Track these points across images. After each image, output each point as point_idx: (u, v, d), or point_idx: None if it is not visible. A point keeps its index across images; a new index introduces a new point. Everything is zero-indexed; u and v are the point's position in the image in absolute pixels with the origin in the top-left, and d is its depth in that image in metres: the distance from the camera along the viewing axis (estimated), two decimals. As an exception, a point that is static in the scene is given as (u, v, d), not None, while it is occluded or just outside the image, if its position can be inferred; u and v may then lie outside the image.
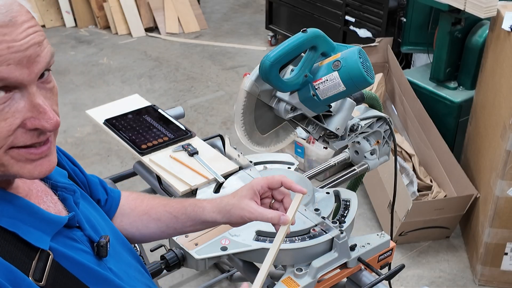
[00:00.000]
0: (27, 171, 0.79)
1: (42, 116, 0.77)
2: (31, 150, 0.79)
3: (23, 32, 0.74)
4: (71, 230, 0.88)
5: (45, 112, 0.77)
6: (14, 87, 0.74)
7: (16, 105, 0.75)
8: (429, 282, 2.52)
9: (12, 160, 0.78)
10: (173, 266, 1.25)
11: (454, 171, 2.69)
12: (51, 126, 0.77)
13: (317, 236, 1.29)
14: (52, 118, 0.77)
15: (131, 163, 1.87)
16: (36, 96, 0.77)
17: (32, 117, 0.76)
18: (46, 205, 0.88)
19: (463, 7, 2.50)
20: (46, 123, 0.77)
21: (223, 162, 1.57)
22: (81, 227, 0.91)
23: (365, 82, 1.27)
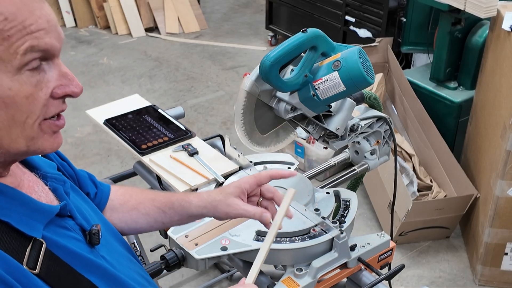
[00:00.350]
0: (49, 144, 0.83)
1: (71, 82, 0.82)
2: (56, 121, 0.83)
3: (48, 8, 0.80)
4: (63, 219, 0.89)
5: (73, 79, 0.83)
6: (46, 58, 0.79)
7: (47, 76, 0.80)
8: (429, 282, 2.52)
9: (41, 133, 0.81)
10: (173, 266, 1.25)
11: (454, 171, 2.69)
12: (80, 90, 0.83)
13: (317, 236, 1.29)
14: (79, 84, 0.83)
15: (131, 163, 1.87)
16: (63, 66, 0.83)
17: (61, 85, 0.81)
18: (37, 195, 0.89)
19: (463, 7, 2.50)
20: (76, 88, 0.82)
21: (223, 162, 1.57)
22: (72, 216, 0.92)
23: (365, 82, 1.27)
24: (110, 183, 1.84)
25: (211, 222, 1.32)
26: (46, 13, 0.79)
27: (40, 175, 0.94)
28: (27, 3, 0.76)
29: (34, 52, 0.77)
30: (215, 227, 1.30)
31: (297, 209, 1.36)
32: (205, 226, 1.31)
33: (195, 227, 1.30)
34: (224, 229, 1.30)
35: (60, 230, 0.88)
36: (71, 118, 3.71)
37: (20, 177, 0.89)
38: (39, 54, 0.77)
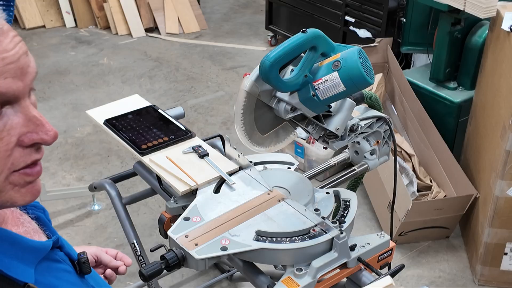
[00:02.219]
0: (20, 195, 0.73)
1: (40, 129, 0.72)
2: (28, 170, 0.73)
3: (11, 41, 0.69)
4: (53, 251, 0.84)
5: (42, 125, 0.72)
6: (6, 102, 0.69)
7: (10, 122, 0.69)
8: (429, 282, 2.52)
9: (10, 186, 0.72)
10: (173, 266, 1.25)
11: (453, 171, 2.69)
12: (51, 138, 0.72)
13: (317, 236, 1.29)
14: (51, 130, 0.72)
15: (131, 163, 1.87)
16: (31, 109, 0.71)
17: (28, 132, 0.71)
18: (25, 228, 0.83)
19: (462, 7, 2.50)
20: (46, 135, 0.72)
21: (223, 162, 1.57)
22: (60, 246, 0.87)
23: (365, 82, 1.27)
24: (110, 183, 1.86)
25: (211, 222, 1.32)
26: (3, 49, 0.67)
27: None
28: None
29: None
30: (215, 227, 1.30)
31: (297, 209, 1.36)
32: (205, 226, 1.31)
33: (195, 227, 1.30)
34: (224, 229, 1.30)
35: (52, 264, 0.83)
36: (71, 118, 3.71)
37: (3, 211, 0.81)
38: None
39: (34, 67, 0.72)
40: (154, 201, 2.89)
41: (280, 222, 1.32)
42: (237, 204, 1.39)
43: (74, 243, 0.98)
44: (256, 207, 1.38)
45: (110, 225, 2.79)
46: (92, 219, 2.84)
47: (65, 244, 0.89)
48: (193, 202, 1.40)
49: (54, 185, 3.05)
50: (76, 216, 2.87)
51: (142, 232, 2.67)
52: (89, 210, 2.90)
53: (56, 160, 3.28)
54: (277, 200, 1.40)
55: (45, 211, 0.92)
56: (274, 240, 1.27)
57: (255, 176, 1.49)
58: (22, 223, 0.83)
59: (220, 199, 1.42)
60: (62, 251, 0.87)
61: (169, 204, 1.48)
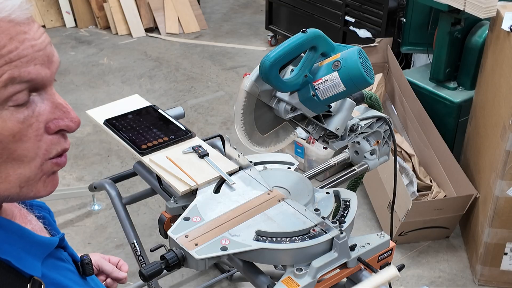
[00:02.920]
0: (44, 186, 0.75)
1: (66, 115, 0.73)
2: (58, 160, 0.74)
3: (38, 30, 0.71)
4: (58, 250, 0.85)
5: (68, 111, 0.73)
6: (34, 89, 0.70)
7: (38, 108, 0.71)
8: (429, 282, 2.52)
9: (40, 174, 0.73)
10: (173, 266, 1.25)
11: (453, 171, 2.69)
12: (75, 125, 0.74)
13: (317, 236, 1.29)
14: (75, 117, 0.74)
15: (131, 163, 1.87)
16: (57, 96, 0.73)
17: (55, 119, 0.72)
18: (32, 225, 0.84)
19: (462, 7, 2.50)
20: (71, 122, 0.73)
21: (223, 162, 1.57)
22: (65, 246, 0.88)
23: (365, 82, 1.27)
24: (110, 183, 1.86)
25: (211, 222, 1.32)
26: (32, 37, 0.69)
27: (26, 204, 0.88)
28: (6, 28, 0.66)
29: (17, 84, 0.67)
30: (215, 227, 1.30)
31: (297, 209, 1.36)
32: (205, 226, 1.31)
33: (195, 227, 1.30)
34: (224, 229, 1.30)
35: (57, 262, 0.84)
36: (71, 118, 3.71)
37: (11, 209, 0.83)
38: (24, 85, 0.68)
39: (58, 56, 0.75)
40: (154, 201, 2.89)
41: (280, 222, 1.32)
42: (237, 204, 1.39)
43: (74, 243, 0.99)
44: (256, 207, 1.38)
45: (110, 225, 2.79)
46: (92, 219, 2.84)
47: (68, 246, 0.90)
48: (193, 202, 1.40)
49: (54, 185, 3.05)
50: (76, 216, 2.87)
51: (142, 232, 2.67)
52: (89, 210, 2.90)
53: (56, 160, 3.28)
54: (277, 200, 1.40)
55: (50, 212, 0.92)
56: (274, 240, 1.27)
57: (255, 176, 1.49)
58: (29, 220, 0.85)
59: (220, 199, 1.42)
60: (66, 252, 0.88)
61: (169, 204, 1.48)
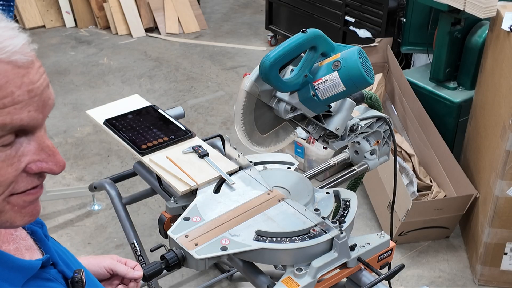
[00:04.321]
0: (19, 216, 0.73)
1: (51, 159, 0.71)
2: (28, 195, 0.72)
3: (37, 73, 0.68)
4: (44, 270, 0.81)
5: (54, 155, 0.71)
6: (23, 133, 0.68)
7: (23, 149, 0.69)
8: (428, 282, 2.52)
9: (9, 206, 0.71)
10: (173, 266, 1.25)
11: (453, 171, 2.69)
12: (59, 169, 0.72)
13: (317, 236, 1.29)
14: (61, 161, 0.72)
15: (131, 163, 1.87)
16: (45, 139, 0.71)
17: (38, 161, 0.70)
18: (16, 243, 0.81)
19: (462, 7, 2.50)
20: (55, 166, 0.71)
21: (223, 162, 1.57)
22: (54, 263, 0.84)
23: (365, 82, 1.27)
24: (110, 183, 1.86)
25: (211, 222, 1.32)
26: (30, 81, 0.66)
27: None
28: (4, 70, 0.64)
29: (6, 129, 0.65)
30: (215, 227, 1.30)
31: (297, 209, 1.36)
32: (205, 226, 1.31)
33: (195, 227, 1.30)
34: (224, 229, 1.30)
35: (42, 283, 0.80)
36: (71, 118, 3.71)
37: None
38: (12, 130, 0.66)
39: (53, 99, 0.72)
40: (154, 201, 2.89)
41: (280, 222, 1.32)
42: (237, 204, 1.39)
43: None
44: (256, 207, 1.38)
45: (110, 225, 2.79)
46: (92, 219, 2.84)
47: (60, 262, 0.86)
48: (193, 202, 1.40)
49: (54, 185, 3.05)
50: (76, 216, 2.87)
51: (142, 232, 2.67)
52: (89, 210, 2.90)
53: (56, 160, 3.28)
54: (277, 200, 1.40)
55: (43, 226, 0.89)
56: (274, 240, 1.27)
57: (255, 176, 1.49)
58: (14, 239, 0.82)
59: (220, 199, 1.42)
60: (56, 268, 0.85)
61: (169, 204, 1.48)
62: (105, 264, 1.11)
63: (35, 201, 0.74)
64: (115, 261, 1.13)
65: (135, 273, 1.13)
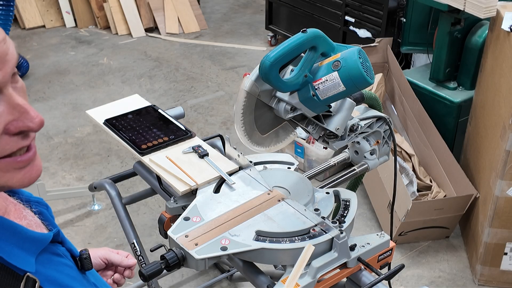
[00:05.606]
0: (16, 180, 0.74)
1: (25, 116, 0.71)
2: (18, 158, 0.73)
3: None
4: (54, 245, 0.85)
5: (27, 112, 0.71)
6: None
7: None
8: (428, 282, 2.52)
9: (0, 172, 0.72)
10: (173, 266, 1.25)
11: (453, 171, 2.69)
12: (36, 125, 0.72)
13: (317, 236, 1.29)
14: (35, 117, 0.72)
15: (131, 163, 1.87)
16: (14, 97, 0.71)
17: (14, 120, 0.71)
18: (27, 220, 0.84)
19: (462, 7, 2.50)
20: (31, 122, 0.71)
21: (223, 162, 1.57)
22: (62, 241, 0.88)
23: (365, 82, 1.27)
24: (110, 183, 1.86)
25: (211, 222, 1.32)
26: None
27: (22, 199, 0.88)
28: None
29: None
30: (215, 227, 1.30)
31: (297, 209, 1.36)
32: (205, 226, 1.31)
33: (195, 227, 1.30)
34: (224, 229, 1.30)
35: (53, 257, 0.84)
36: (71, 118, 3.71)
37: (5, 202, 0.83)
38: None
39: (14, 53, 0.71)
40: (154, 201, 2.89)
41: (280, 222, 1.32)
42: (237, 204, 1.39)
43: (74, 243, 0.98)
44: (256, 207, 1.38)
45: (110, 225, 2.79)
46: (92, 219, 2.84)
47: (66, 241, 0.90)
48: (193, 202, 1.40)
49: (54, 185, 3.05)
50: (76, 216, 2.87)
51: (142, 232, 2.67)
52: (89, 210, 2.90)
53: (56, 160, 3.28)
54: (277, 200, 1.40)
55: (48, 208, 0.92)
56: (274, 240, 1.27)
57: (255, 176, 1.49)
58: (24, 216, 0.84)
59: (220, 199, 1.42)
60: (64, 247, 0.88)
61: (169, 204, 1.48)
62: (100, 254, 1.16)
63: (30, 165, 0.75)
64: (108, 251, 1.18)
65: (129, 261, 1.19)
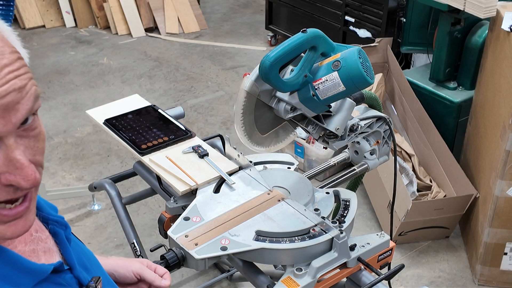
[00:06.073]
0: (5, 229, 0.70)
1: (19, 172, 0.66)
2: (4, 211, 0.69)
3: (2, 78, 0.63)
4: (58, 275, 0.80)
5: (22, 168, 0.66)
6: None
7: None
8: (428, 282, 2.52)
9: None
10: (173, 266, 1.25)
11: (453, 171, 2.69)
12: (28, 184, 0.67)
13: (317, 236, 1.29)
14: (30, 175, 0.67)
15: (131, 163, 1.87)
16: (13, 149, 0.66)
17: (7, 172, 0.66)
18: (34, 244, 0.79)
19: (462, 7, 2.50)
20: (23, 180, 0.67)
21: (223, 162, 1.57)
22: (71, 268, 0.82)
23: (364, 82, 1.27)
24: (110, 183, 1.86)
25: (211, 222, 1.32)
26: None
27: (40, 216, 0.84)
28: None
29: None
30: (215, 227, 1.31)
31: (297, 209, 1.36)
32: (205, 226, 1.31)
33: (195, 227, 1.30)
34: (224, 229, 1.30)
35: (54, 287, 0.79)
36: (71, 118, 3.72)
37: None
38: None
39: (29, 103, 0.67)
40: (154, 201, 2.89)
41: (280, 222, 1.32)
42: (237, 204, 1.39)
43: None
44: (256, 207, 1.38)
45: (110, 225, 2.79)
46: (92, 219, 2.84)
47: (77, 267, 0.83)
48: (193, 202, 1.40)
49: (54, 185, 3.05)
50: (76, 216, 2.87)
51: (142, 232, 2.67)
52: (89, 210, 2.90)
53: (56, 160, 3.28)
54: (277, 200, 1.40)
55: (67, 228, 0.87)
56: (274, 240, 1.28)
57: (255, 176, 1.49)
58: (32, 240, 0.80)
59: (220, 199, 1.42)
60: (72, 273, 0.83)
61: (169, 204, 1.48)
62: (134, 268, 1.08)
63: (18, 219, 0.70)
64: (144, 266, 1.09)
65: (163, 282, 1.07)
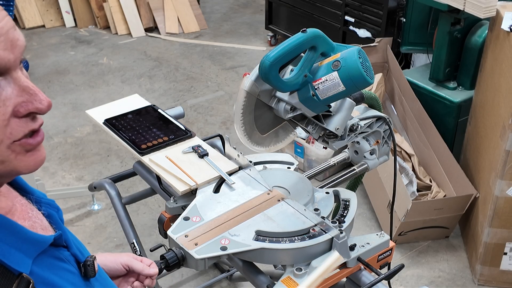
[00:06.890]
0: (23, 164, 0.76)
1: (34, 98, 0.73)
2: (29, 140, 0.75)
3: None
4: (57, 249, 0.84)
5: (36, 94, 0.74)
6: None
7: (5, 93, 0.71)
8: (428, 281, 2.52)
9: (13, 155, 0.74)
10: (173, 266, 1.25)
11: (453, 171, 2.69)
12: (45, 107, 0.74)
13: (317, 236, 1.29)
14: (44, 99, 0.74)
15: (131, 163, 1.87)
16: (23, 79, 0.73)
17: (23, 102, 0.73)
18: (32, 221, 0.83)
19: (462, 7, 2.50)
20: (40, 104, 0.74)
21: (223, 162, 1.57)
22: (67, 245, 0.86)
23: (364, 82, 1.27)
24: (110, 183, 1.86)
25: (211, 222, 1.32)
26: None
27: (33, 199, 0.87)
28: None
29: None
30: (215, 227, 1.31)
31: (297, 209, 1.36)
32: (205, 226, 1.31)
33: (195, 227, 1.30)
34: (224, 229, 1.30)
35: (54, 261, 0.82)
36: (71, 118, 3.71)
37: (12, 201, 0.83)
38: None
39: (23, 40, 0.74)
40: (154, 201, 2.89)
41: (279, 222, 1.32)
42: (237, 204, 1.39)
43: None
44: (256, 207, 1.38)
45: (110, 225, 2.79)
46: (92, 219, 2.84)
47: (73, 245, 0.88)
48: (193, 202, 1.40)
49: (53, 185, 3.05)
50: (76, 216, 2.87)
51: (142, 232, 2.67)
52: (89, 210, 2.90)
53: (55, 160, 3.28)
54: (277, 200, 1.40)
55: (59, 210, 0.92)
56: (273, 240, 1.28)
57: (255, 176, 1.49)
58: (30, 217, 0.84)
59: (220, 199, 1.42)
60: (69, 251, 0.87)
61: (169, 204, 1.48)
62: (122, 261, 1.14)
63: (37, 148, 0.76)
64: (132, 258, 1.15)
65: (151, 270, 1.16)
